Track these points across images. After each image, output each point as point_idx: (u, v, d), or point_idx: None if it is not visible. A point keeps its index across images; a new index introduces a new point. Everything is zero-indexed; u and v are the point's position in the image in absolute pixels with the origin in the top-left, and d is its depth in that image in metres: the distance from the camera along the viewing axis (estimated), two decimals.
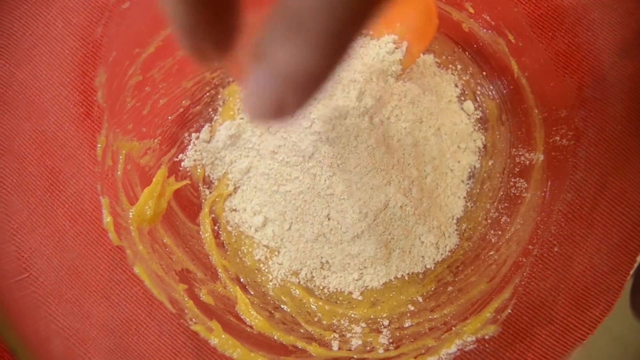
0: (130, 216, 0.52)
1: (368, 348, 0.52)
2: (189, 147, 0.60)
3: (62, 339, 0.51)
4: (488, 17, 0.57)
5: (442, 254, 0.58)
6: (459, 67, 0.62)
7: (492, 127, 0.60)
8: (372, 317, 0.55)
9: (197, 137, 0.60)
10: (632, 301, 0.53)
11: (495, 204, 0.58)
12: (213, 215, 0.59)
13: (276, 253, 0.58)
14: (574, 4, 0.55)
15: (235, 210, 0.59)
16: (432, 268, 0.57)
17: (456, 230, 0.59)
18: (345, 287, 0.57)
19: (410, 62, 0.56)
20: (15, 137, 0.54)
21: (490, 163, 0.59)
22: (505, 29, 0.57)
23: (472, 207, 0.59)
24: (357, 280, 0.57)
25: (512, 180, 0.57)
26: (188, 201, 0.59)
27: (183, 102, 0.60)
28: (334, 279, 0.57)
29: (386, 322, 0.55)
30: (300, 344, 0.52)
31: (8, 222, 0.52)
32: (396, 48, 0.56)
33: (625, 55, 0.54)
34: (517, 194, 0.56)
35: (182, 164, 0.59)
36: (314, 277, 0.58)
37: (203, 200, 0.59)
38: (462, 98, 0.62)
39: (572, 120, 0.53)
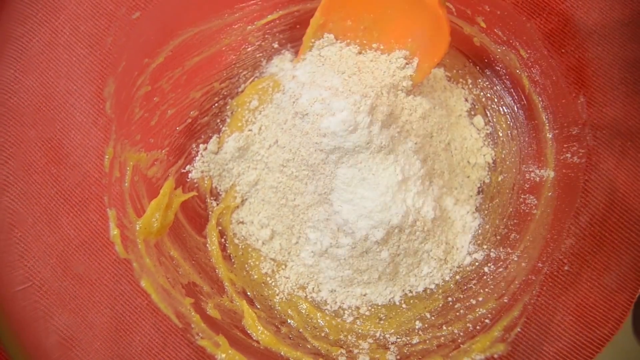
0: (137, 229, 0.52)
1: None
2: (197, 158, 0.59)
3: (64, 350, 0.50)
4: (500, 32, 0.57)
5: (450, 270, 0.57)
6: (469, 81, 0.61)
7: (502, 143, 0.60)
8: (379, 332, 0.55)
9: (205, 149, 0.59)
10: (635, 328, 0.52)
11: (505, 220, 0.57)
12: (220, 228, 0.59)
13: (283, 267, 0.58)
14: (585, 19, 0.55)
15: (242, 222, 0.59)
16: (440, 284, 0.57)
17: (464, 246, 0.58)
18: (353, 302, 0.57)
19: (421, 78, 0.55)
20: (21, 144, 0.53)
21: (499, 179, 0.59)
22: (517, 44, 0.56)
23: (481, 222, 0.59)
24: (364, 295, 0.57)
25: (522, 196, 0.57)
26: (195, 213, 0.58)
27: (191, 112, 0.59)
28: (341, 293, 0.57)
29: (393, 338, 0.54)
30: None
31: (12, 229, 0.51)
32: (407, 64, 0.55)
33: (636, 71, 0.54)
34: (527, 211, 0.56)
35: (190, 175, 0.59)
36: (320, 291, 0.57)
37: (210, 212, 0.59)
38: (472, 112, 0.61)
39: (583, 137, 0.53)
